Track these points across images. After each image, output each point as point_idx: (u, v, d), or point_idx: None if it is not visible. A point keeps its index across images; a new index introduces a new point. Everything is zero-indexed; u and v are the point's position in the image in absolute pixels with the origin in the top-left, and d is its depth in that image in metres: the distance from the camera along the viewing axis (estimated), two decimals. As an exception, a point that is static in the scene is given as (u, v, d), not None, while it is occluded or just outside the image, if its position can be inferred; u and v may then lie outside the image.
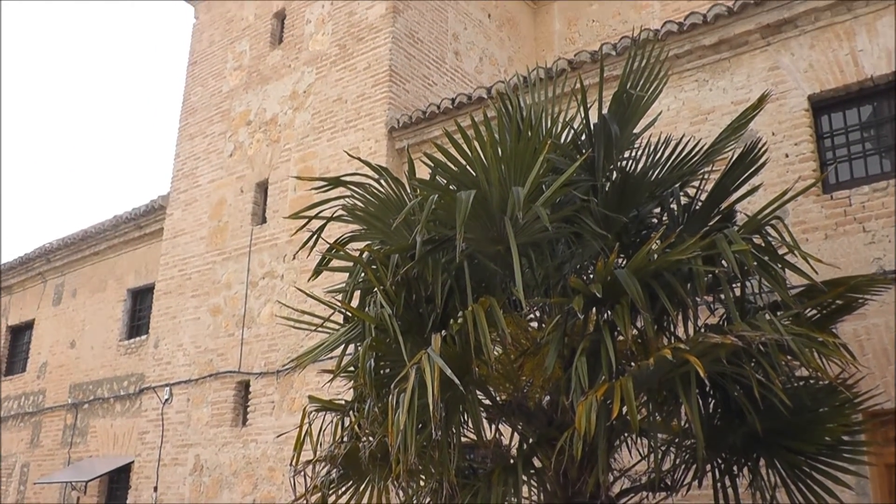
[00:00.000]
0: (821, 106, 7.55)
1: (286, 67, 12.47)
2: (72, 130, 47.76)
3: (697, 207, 5.15)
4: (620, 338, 4.40)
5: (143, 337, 13.70)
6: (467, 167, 4.48)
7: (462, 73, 12.37)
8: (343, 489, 5.39)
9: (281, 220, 11.34)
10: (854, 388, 4.97)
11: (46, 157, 46.62)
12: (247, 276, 11.58)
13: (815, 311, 4.93)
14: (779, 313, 4.62)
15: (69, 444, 14.49)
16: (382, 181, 5.07)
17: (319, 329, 5.45)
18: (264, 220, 11.82)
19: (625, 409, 4.01)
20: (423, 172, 5.39)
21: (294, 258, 9.62)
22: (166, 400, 12.12)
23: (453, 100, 10.03)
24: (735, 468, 4.99)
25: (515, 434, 5.22)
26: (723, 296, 4.60)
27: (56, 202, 46.62)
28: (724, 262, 4.44)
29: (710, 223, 4.98)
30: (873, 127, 7.31)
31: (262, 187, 12.09)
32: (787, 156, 7.38)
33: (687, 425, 4.57)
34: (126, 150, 48.43)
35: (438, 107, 10.14)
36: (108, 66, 47.91)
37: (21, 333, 17.26)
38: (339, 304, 5.18)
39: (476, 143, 4.44)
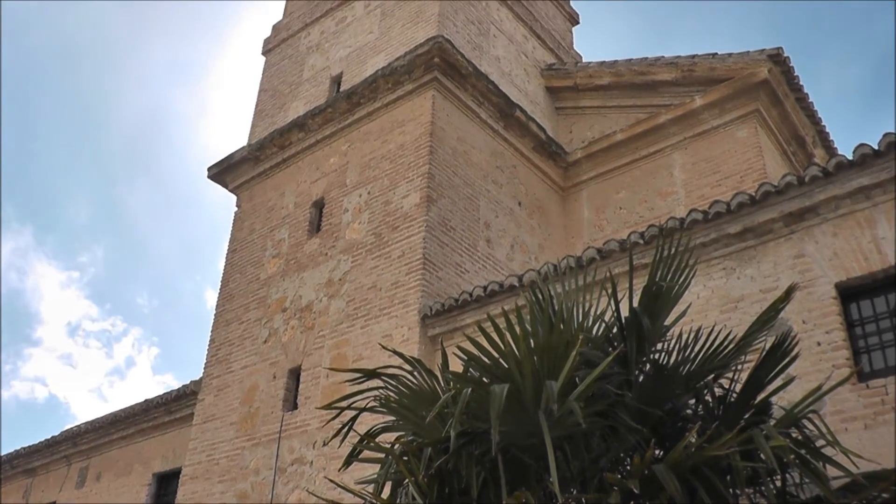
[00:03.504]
0: (848, 293, 7.60)
1: (323, 255, 12.83)
2: (109, 323, 48.83)
3: (732, 399, 5.14)
4: (660, 532, 4.30)
5: (167, 524, 13.43)
6: (500, 360, 4.55)
7: (494, 260, 12.63)
8: None
9: (312, 407, 11.31)
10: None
11: (73, 338, 47.42)
12: (275, 462, 11.43)
13: (860, 506, 4.79)
14: (823, 508, 4.52)
15: None
16: (416, 373, 5.14)
17: (350, 520, 5.37)
18: (295, 407, 11.78)
19: None
20: (455, 361, 5.46)
21: (325, 445, 9.53)
22: (188, 592, 11.72)
23: (485, 288, 10.14)
24: None
25: None
26: (763, 488, 4.53)
27: (82, 388, 46.96)
28: (762, 455, 4.39)
29: (746, 416, 4.95)
30: (903, 314, 7.32)
31: (295, 374, 12.14)
32: (818, 344, 7.37)
33: None
34: (159, 338, 49.21)
35: (471, 295, 10.30)
36: (147, 248, 49.58)
37: (39, 517, 16.98)
38: (370, 495, 5.12)
39: (508, 335, 4.53)
